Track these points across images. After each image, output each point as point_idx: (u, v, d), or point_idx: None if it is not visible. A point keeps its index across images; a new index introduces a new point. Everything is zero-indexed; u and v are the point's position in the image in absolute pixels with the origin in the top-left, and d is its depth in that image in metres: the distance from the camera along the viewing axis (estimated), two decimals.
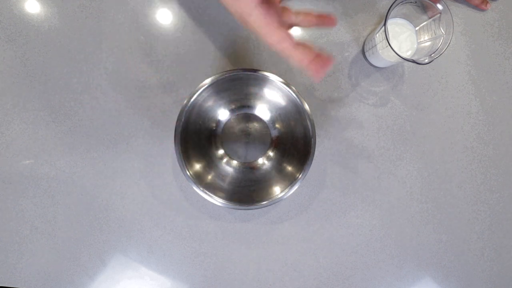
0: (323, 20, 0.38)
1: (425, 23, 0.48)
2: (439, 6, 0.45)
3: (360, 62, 0.56)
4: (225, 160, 0.54)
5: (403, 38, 0.50)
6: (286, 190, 0.48)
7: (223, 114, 0.54)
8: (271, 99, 0.52)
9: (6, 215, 0.54)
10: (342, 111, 0.55)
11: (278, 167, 0.53)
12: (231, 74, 0.47)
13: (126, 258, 0.54)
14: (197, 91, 0.47)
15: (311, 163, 0.48)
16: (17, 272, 0.54)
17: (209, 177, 0.51)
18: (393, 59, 0.49)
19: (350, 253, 0.55)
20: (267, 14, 0.33)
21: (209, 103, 0.51)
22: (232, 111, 0.54)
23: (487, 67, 0.56)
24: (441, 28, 0.46)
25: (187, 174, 0.48)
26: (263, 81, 0.49)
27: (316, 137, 0.49)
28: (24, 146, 0.54)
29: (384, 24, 0.44)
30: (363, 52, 0.56)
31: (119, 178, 0.54)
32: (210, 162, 0.53)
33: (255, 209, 0.50)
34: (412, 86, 0.56)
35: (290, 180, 0.49)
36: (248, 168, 0.54)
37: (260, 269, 0.54)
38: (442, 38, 0.45)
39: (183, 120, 0.47)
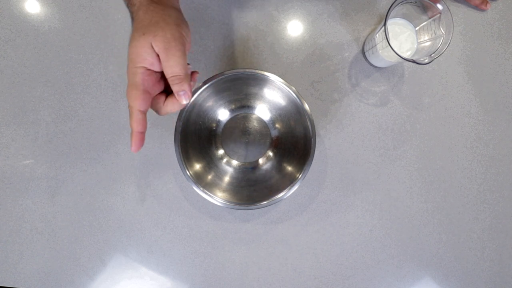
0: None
1: (425, 23, 0.48)
2: (439, 6, 0.45)
3: (360, 62, 0.56)
4: (225, 160, 0.54)
5: (403, 38, 0.50)
6: (286, 190, 0.48)
7: (223, 114, 0.54)
8: (271, 99, 0.52)
9: (6, 215, 0.54)
10: (342, 111, 0.55)
11: (278, 167, 0.53)
12: (231, 74, 0.47)
13: (126, 258, 0.54)
14: (197, 91, 0.47)
15: (311, 163, 0.48)
16: (17, 272, 0.54)
17: (209, 177, 0.51)
18: (393, 59, 0.49)
19: (350, 253, 0.55)
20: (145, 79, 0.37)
21: (209, 103, 0.51)
22: (232, 111, 0.54)
23: (487, 67, 0.56)
24: (441, 28, 0.46)
25: (187, 174, 0.48)
26: (263, 81, 0.49)
27: (316, 137, 0.49)
28: (24, 146, 0.54)
29: (384, 24, 0.44)
30: (363, 52, 0.56)
31: (119, 178, 0.54)
32: (210, 162, 0.53)
33: (255, 209, 0.50)
34: (412, 86, 0.56)
35: (290, 180, 0.49)
36: (248, 168, 0.54)
37: (260, 269, 0.54)
38: (442, 38, 0.45)
39: (183, 120, 0.47)
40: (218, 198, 0.48)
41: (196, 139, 0.51)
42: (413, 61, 0.44)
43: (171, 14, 0.37)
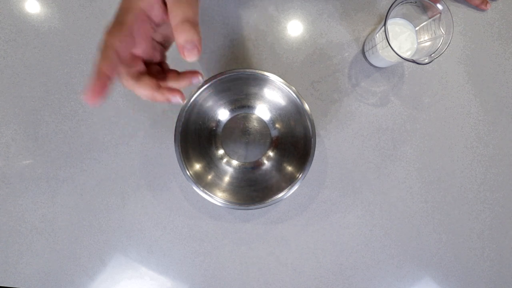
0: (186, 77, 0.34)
1: (425, 23, 0.48)
2: (439, 6, 0.45)
3: (360, 62, 0.56)
4: (225, 160, 0.54)
5: (403, 38, 0.50)
6: (286, 190, 0.48)
7: (223, 114, 0.54)
8: (271, 99, 0.52)
9: (6, 215, 0.54)
10: (342, 111, 0.55)
11: (278, 167, 0.53)
12: (231, 74, 0.47)
13: (126, 258, 0.54)
14: (197, 91, 0.47)
15: (311, 163, 0.48)
16: (17, 272, 0.54)
17: (209, 177, 0.51)
18: (393, 59, 0.49)
19: (350, 253, 0.55)
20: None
21: (209, 103, 0.51)
22: (232, 111, 0.54)
23: (487, 67, 0.56)
24: (441, 28, 0.46)
25: (187, 174, 0.48)
26: (263, 81, 0.49)
27: (316, 137, 0.49)
28: (24, 146, 0.54)
29: (384, 24, 0.44)
30: (363, 52, 0.56)
31: (119, 178, 0.54)
32: (210, 162, 0.53)
33: (255, 209, 0.50)
34: (412, 86, 0.56)
35: (290, 180, 0.49)
36: (248, 168, 0.54)
37: (260, 269, 0.54)
38: (442, 38, 0.45)
39: (183, 120, 0.47)
40: (218, 198, 0.48)
41: (196, 139, 0.51)
42: (413, 61, 0.44)
43: None
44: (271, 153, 0.54)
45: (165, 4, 0.30)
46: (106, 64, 0.28)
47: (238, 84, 0.50)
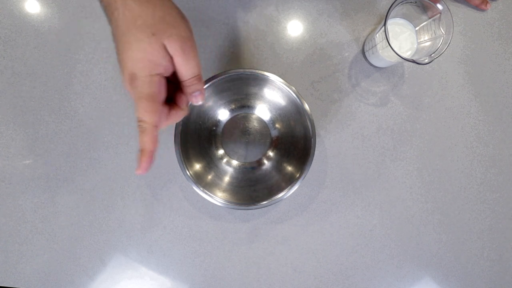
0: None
1: (425, 23, 0.48)
2: (439, 6, 0.45)
3: (360, 62, 0.56)
4: (225, 160, 0.54)
5: (403, 38, 0.50)
6: (286, 190, 0.48)
7: (223, 114, 0.54)
8: (271, 99, 0.52)
9: (6, 215, 0.54)
10: (342, 111, 0.55)
11: (278, 167, 0.53)
12: (231, 74, 0.47)
13: (126, 258, 0.54)
14: None
15: (311, 163, 0.48)
16: (17, 272, 0.54)
17: (209, 177, 0.51)
18: (393, 59, 0.49)
19: (350, 253, 0.55)
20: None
21: (209, 103, 0.51)
22: (232, 111, 0.54)
23: (487, 67, 0.56)
24: (441, 28, 0.46)
25: (187, 174, 0.48)
26: (263, 81, 0.49)
27: (316, 137, 0.49)
28: (24, 146, 0.54)
29: (384, 24, 0.44)
30: (363, 52, 0.56)
31: (119, 178, 0.54)
32: (210, 162, 0.53)
33: (255, 209, 0.50)
34: (412, 86, 0.56)
35: (290, 180, 0.49)
36: (248, 168, 0.54)
37: (260, 269, 0.54)
38: (442, 38, 0.45)
39: (183, 120, 0.47)
40: (218, 198, 0.48)
41: (196, 139, 0.51)
42: (413, 61, 0.44)
43: (172, 6, 0.32)
44: (271, 153, 0.54)
45: (170, 56, 0.33)
46: (153, 142, 0.33)
47: (238, 84, 0.50)
